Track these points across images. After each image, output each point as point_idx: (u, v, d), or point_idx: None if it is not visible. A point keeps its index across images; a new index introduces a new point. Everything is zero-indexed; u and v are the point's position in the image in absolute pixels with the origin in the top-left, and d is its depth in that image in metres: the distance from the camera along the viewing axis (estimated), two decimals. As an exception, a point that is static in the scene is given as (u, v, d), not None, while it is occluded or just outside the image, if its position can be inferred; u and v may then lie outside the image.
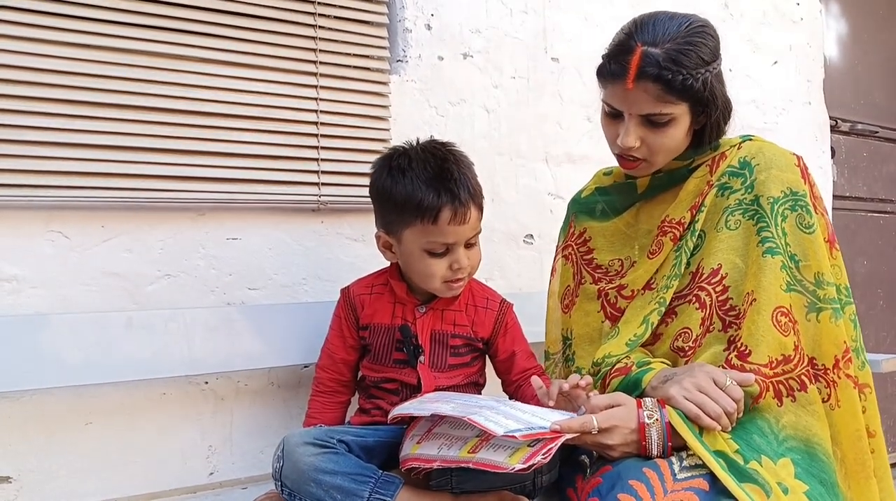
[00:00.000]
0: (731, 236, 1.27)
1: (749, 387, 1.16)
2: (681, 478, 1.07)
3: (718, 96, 1.28)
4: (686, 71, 1.21)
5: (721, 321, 1.25)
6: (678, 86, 1.21)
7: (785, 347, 1.19)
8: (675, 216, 1.33)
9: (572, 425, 1.09)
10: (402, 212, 1.31)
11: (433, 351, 1.39)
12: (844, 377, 1.20)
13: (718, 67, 1.28)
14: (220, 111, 1.55)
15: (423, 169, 1.31)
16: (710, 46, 1.26)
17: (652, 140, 1.27)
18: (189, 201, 1.53)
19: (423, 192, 1.29)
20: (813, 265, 1.24)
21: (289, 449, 1.21)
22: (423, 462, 1.15)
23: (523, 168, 2.04)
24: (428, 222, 1.29)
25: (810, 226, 1.26)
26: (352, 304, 1.44)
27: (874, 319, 3.12)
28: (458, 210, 1.29)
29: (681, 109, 1.25)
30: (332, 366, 1.45)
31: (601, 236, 1.44)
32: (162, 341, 1.45)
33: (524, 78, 2.05)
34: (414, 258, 1.34)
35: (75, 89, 1.41)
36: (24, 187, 1.37)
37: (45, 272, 1.41)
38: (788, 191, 1.27)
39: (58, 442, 1.43)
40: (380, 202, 1.37)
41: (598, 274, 1.42)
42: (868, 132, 3.12)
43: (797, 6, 2.75)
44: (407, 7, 1.85)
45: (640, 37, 1.24)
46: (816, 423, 1.18)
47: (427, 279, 1.35)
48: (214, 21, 1.55)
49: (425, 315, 1.40)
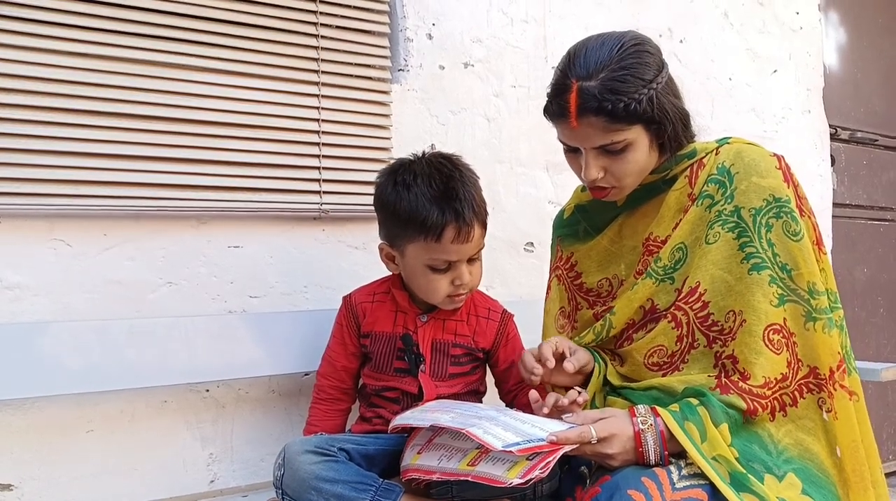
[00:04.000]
0: (711, 250, 1.24)
1: (728, 397, 1.15)
2: (679, 487, 1.07)
3: (669, 109, 1.24)
4: (626, 96, 1.17)
5: (705, 337, 1.23)
6: (622, 113, 1.17)
7: (780, 366, 1.18)
8: (659, 234, 1.31)
9: (570, 436, 1.09)
10: (406, 228, 1.31)
11: (434, 360, 1.39)
12: (840, 388, 1.19)
13: (663, 81, 1.23)
14: (222, 120, 1.56)
15: (428, 185, 1.30)
16: (647, 63, 1.21)
17: (615, 168, 1.24)
18: (191, 209, 1.53)
19: (428, 210, 1.28)
20: (805, 274, 1.21)
21: (289, 457, 1.21)
22: (423, 474, 1.15)
23: (524, 176, 2.05)
24: (431, 240, 1.29)
25: (797, 233, 1.22)
26: (353, 312, 1.44)
27: (874, 327, 3.12)
28: (462, 229, 1.29)
29: (634, 132, 1.21)
30: (334, 374, 1.45)
31: (587, 258, 1.43)
32: (163, 349, 1.45)
33: (525, 86, 2.06)
34: (416, 272, 1.34)
35: (77, 98, 1.42)
36: (27, 195, 1.38)
37: (48, 280, 1.42)
38: (771, 198, 1.23)
39: (59, 450, 1.43)
40: (384, 215, 1.37)
41: (590, 299, 1.41)
42: (868, 140, 3.12)
43: (797, 15, 2.76)
44: (408, 16, 1.86)
45: (574, 72, 1.21)
46: (808, 438, 1.17)
47: (429, 293, 1.36)
48: (217, 31, 1.56)
49: (427, 324, 1.40)
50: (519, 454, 1.05)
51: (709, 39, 2.49)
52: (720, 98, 2.50)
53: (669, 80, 1.26)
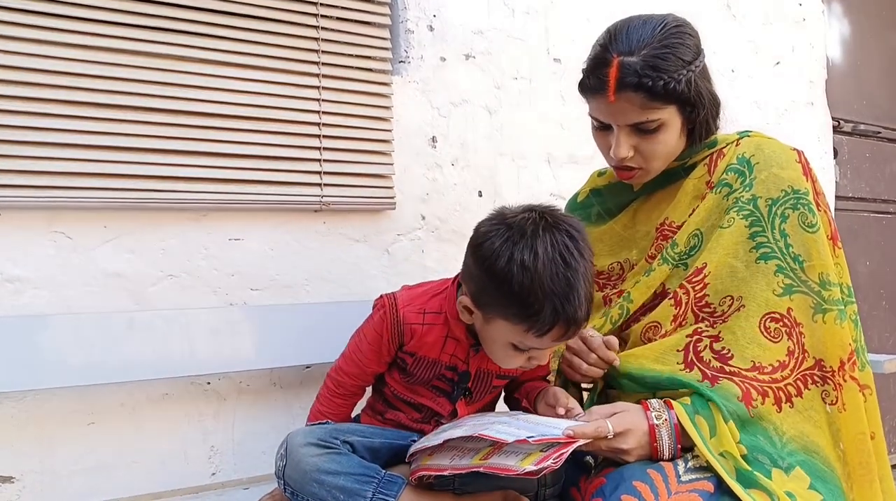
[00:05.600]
0: (724, 234, 1.25)
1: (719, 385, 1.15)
2: (685, 480, 1.07)
3: (704, 94, 1.26)
4: (667, 75, 1.19)
5: (694, 316, 1.24)
6: (660, 91, 1.19)
7: (776, 353, 1.18)
8: (675, 219, 1.32)
9: (586, 431, 1.08)
10: (508, 307, 1.15)
11: (475, 389, 1.33)
12: (850, 379, 1.18)
13: (701, 64, 1.25)
14: (223, 112, 1.55)
15: (549, 276, 1.11)
16: (688, 45, 1.23)
17: (644, 147, 1.25)
18: (191, 202, 1.53)
19: (541, 305, 1.11)
20: (817, 265, 1.21)
21: (291, 449, 1.20)
22: (434, 472, 1.14)
23: (525, 169, 2.04)
24: (532, 333, 1.14)
25: (813, 225, 1.23)
26: (400, 331, 1.29)
27: (877, 320, 3.12)
28: (570, 331, 1.16)
29: (668, 113, 1.23)
30: (360, 376, 1.35)
31: (599, 241, 1.42)
32: (164, 342, 1.45)
33: (526, 79, 2.05)
34: (496, 344, 1.21)
35: (77, 90, 1.41)
36: (27, 188, 1.37)
37: (48, 272, 1.41)
38: (790, 189, 1.24)
39: (60, 443, 1.43)
40: (484, 278, 1.17)
41: (600, 281, 1.41)
42: (871, 133, 3.11)
43: (799, 7, 2.75)
44: (409, 8, 1.85)
45: (616, 47, 1.21)
46: (814, 430, 1.17)
47: (499, 361, 1.24)
48: (217, 22, 1.55)
49: (478, 355, 1.30)
50: (534, 444, 1.04)
51: (711, 31, 2.46)
52: (722, 90, 2.44)
53: (705, 66, 1.27)
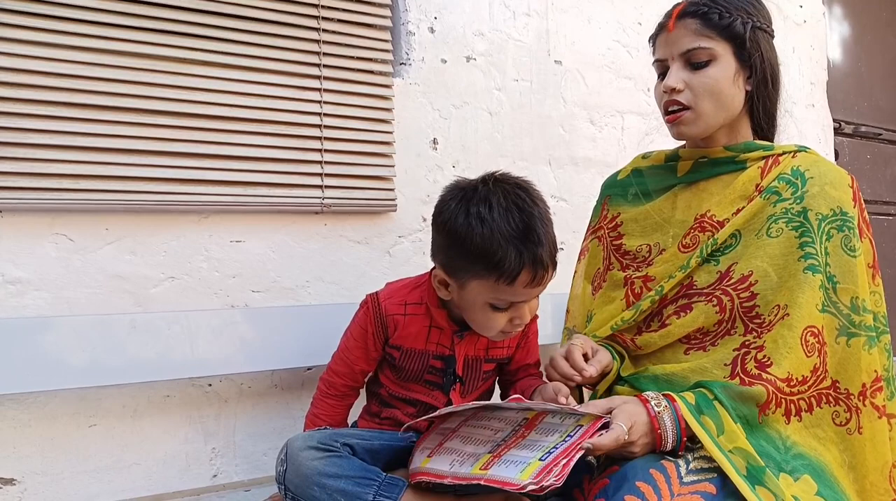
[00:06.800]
0: (771, 244, 1.24)
1: (749, 388, 1.15)
2: (687, 481, 1.06)
3: (763, 49, 1.30)
4: (724, 9, 1.27)
5: (744, 326, 1.23)
6: (715, 19, 1.27)
7: (806, 367, 1.18)
8: (717, 214, 1.31)
9: (605, 443, 1.06)
10: (475, 263, 1.19)
11: (466, 376, 1.35)
12: (870, 406, 1.18)
13: (767, 29, 1.32)
14: (224, 114, 1.55)
15: (506, 222, 1.17)
16: (755, 4, 1.32)
17: (695, 82, 1.29)
18: (192, 204, 1.53)
19: (504, 251, 1.16)
20: (850, 289, 1.21)
21: (292, 453, 1.20)
22: (434, 478, 1.14)
23: (526, 170, 2.04)
24: (503, 282, 1.18)
25: (854, 249, 1.23)
26: (383, 322, 1.33)
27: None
28: (538, 273, 1.19)
29: (721, 48, 1.28)
30: (350, 375, 1.38)
31: (632, 221, 1.42)
32: (165, 343, 1.45)
33: (527, 80, 2.05)
34: (475, 308, 1.25)
35: (79, 92, 1.41)
36: (28, 190, 1.37)
37: (49, 274, 1.41)
38: (838, 209, 1.25)
39: (62, 444, 1.43)
40: (448, 243, 1.23)
41: (625, 261, 1.40)
42: (872, 134, 3.11)
43: (800, 9, 2.75)
44: (410, 10, 1.85)
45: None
46: (819, 446, 1.17)
47: (483, 328, 1.28)
48: (218, 25, 1.55)
49: (462, 341, 1.34)
50: (569, 412, 1.08)
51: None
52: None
53: (771, 39, 1.34)
